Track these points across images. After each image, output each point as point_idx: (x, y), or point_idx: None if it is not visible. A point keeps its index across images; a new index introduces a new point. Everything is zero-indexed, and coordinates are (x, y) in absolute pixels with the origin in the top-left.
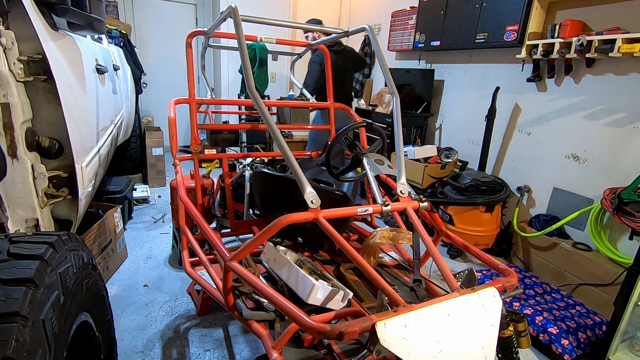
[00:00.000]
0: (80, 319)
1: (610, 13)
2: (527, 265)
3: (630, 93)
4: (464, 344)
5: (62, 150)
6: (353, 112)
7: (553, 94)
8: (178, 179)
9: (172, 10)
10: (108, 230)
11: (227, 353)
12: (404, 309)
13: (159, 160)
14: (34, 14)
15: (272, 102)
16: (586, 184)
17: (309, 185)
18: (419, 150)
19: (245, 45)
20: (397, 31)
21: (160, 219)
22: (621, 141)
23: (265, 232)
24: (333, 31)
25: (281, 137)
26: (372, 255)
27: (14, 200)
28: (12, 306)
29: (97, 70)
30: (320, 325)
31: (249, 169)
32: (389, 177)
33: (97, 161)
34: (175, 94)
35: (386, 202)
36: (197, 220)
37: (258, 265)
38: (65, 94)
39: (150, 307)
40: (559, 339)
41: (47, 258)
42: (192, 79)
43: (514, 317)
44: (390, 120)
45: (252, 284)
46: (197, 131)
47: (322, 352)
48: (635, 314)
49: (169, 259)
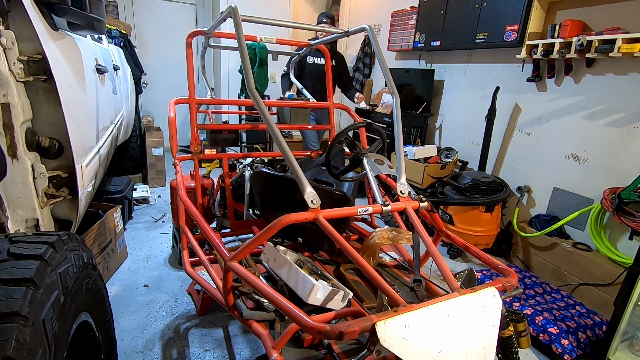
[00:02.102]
0: (80, 319)
1: (610, 13)
2: (527, 265)
3: (630, 93)
4: (464, 344)
5: (62, 150)
6: (353, 112)
7: (553, 94)
8: (178, 179)
9: (172, 10)
10: (108, 230)
11: (227, 353)
12: (404, 309)
13: (159, 160)
14: (34, 14)
15: (272, 102)
16: (586, 184)
17: (309, 185)
18: (419, 150)
19: (245, 45)
20: (397, 31)
21: (160, 219)
22: (621, 141)
23: (265, 232)
24: (333, 31)
25: (281, 137)
26: (372, 255)
27: (14, 200)
28: (12, 306)
29: (97, 70)
30: (320, 325)
31: (249, 169)
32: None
33: (97, 161)
34: (175, 94)
35: (386, 202)
36: (197, 220)
37: (258, 265)
38: (65, 94)
39: (150, 307)
40: (559, 339)
41: (47, 258)
42: (192, 79)
43: (514, 317)
44: (390, 120)
45: (252, 284)
46: (197, 131)
47: (322, 352)
48: (635, 314)
49: (169, 259)
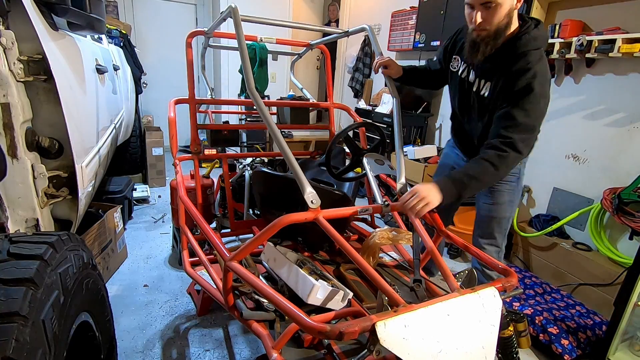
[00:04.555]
0: (80, 319)
1: (610, 13)
2: (527, 265)
3: (630, 93)
4: (464, 344)
5: (62, 150)
6: (353, 112)
7: (553, 94)
8: (178, 179)
9: (172, 10)
10: (108, 230)
11: (227, 353)
12: (404, 309)
13: (159, 160)
14: (34, 14)
15: (272, 102)
16: (586, 184)
17: (309, 185)
18: (419, 150)
19: (245, 45)
20: (397, 31)
21: (160, 219)
22: (621, 141)
23: (265, 232)
24: (333, 31)
25: (281, 137)
26: (372, 255)
27: (14, 200)
28: (12, 306)
29: (97, 70)
30: (320, 325)
31: (249, 169)
32: (389, 177)
33: (97, 161)
34: (175, 94)
35: (386, 202)
36: (197, 220)
37: (258, 265)
38: (65, 94)
39: (150, 307)
40: (559, 339)
41: (47, 258)
42: (192, 79)
43: (514, 317)
44: (390, 120)
45: (252, 284)
46: (197, 131)
47: (322, 352)
48: (635, 314)
49: (169, 259)
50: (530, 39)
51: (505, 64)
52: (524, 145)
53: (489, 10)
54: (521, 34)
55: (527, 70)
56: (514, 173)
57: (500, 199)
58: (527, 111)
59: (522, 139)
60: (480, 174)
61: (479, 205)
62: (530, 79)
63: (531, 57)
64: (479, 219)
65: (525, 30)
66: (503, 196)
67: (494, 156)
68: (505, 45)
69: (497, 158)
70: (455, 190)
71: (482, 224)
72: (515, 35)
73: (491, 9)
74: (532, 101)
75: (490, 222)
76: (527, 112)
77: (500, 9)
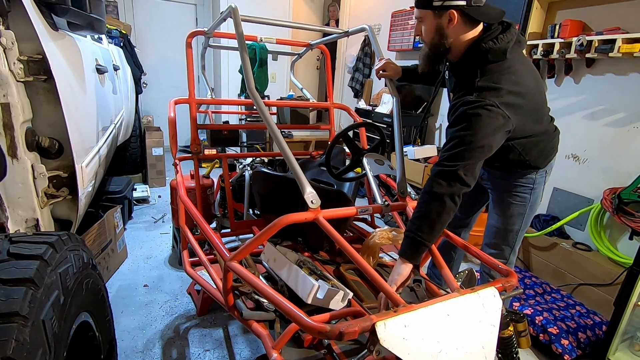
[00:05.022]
0: (80, 319)
1: (610, 13)
2: (527, 265)
3: (630, 93)
4: (464, 344)
5: (62, 150)
6: (353, 112)
7: (553, 94)
8: (178, 179)
9: (172, 10)
10: (108, 230)
11: (227, 353)
12: (404, 309)
13: (159, 160)
14: (34, 14)
15: (272, 102)
16: (586, 184)
17: (309, 185)
18: (419, 150)
19: (245, 45)
20: (397, 31)
21: (160, 219)
22: (621, 141)
23: (265, 232)
24: (333, 31)
25: (281, 137)
26: (372, 255)
27: (14, 200)
28: (12, 306)
29: (97, 70)
30: (320, 325)
31: (249, 169)
32: (389, 177)
33: (97, 161)
34: (175, 94)
35: (386, 202)
36: (197, 220)
37: (258, 265)
38: (65, 94)
39: (150, 307)
40: (559, 339)
41: (47, 258)
42: (192, 79)
43: (514, 317)
44: (390, 120)
45: (252, 284)
46: (197, 131)
47: (322, 352)
48: (635, 314)
49: (169, 259)
50: (484, 51)
51: (461, 76)
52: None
53: (420, 25)
54: (480, 42)
55: (466, 103)
56: (527, 184)
57: (508, 211)
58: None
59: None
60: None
61: (489, 213)
62: (465, 111)
63: (476, 96)
64: (487, 226)
65: (488, 35)
66: (511, 208)
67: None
68: (464, 55)
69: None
70: (407, 245)
71: (489, 232)
72: (472, 44)
73: (422, 24)
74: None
75: (496, 232)
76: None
77: (426, 26)
